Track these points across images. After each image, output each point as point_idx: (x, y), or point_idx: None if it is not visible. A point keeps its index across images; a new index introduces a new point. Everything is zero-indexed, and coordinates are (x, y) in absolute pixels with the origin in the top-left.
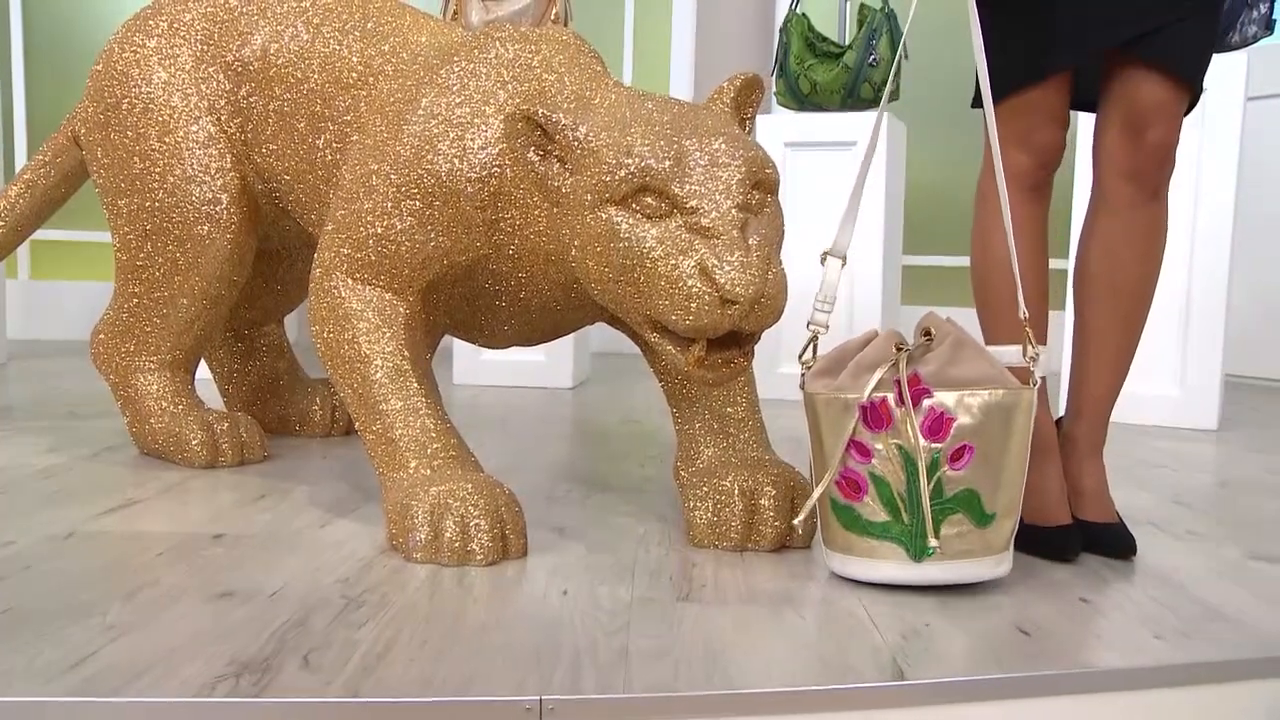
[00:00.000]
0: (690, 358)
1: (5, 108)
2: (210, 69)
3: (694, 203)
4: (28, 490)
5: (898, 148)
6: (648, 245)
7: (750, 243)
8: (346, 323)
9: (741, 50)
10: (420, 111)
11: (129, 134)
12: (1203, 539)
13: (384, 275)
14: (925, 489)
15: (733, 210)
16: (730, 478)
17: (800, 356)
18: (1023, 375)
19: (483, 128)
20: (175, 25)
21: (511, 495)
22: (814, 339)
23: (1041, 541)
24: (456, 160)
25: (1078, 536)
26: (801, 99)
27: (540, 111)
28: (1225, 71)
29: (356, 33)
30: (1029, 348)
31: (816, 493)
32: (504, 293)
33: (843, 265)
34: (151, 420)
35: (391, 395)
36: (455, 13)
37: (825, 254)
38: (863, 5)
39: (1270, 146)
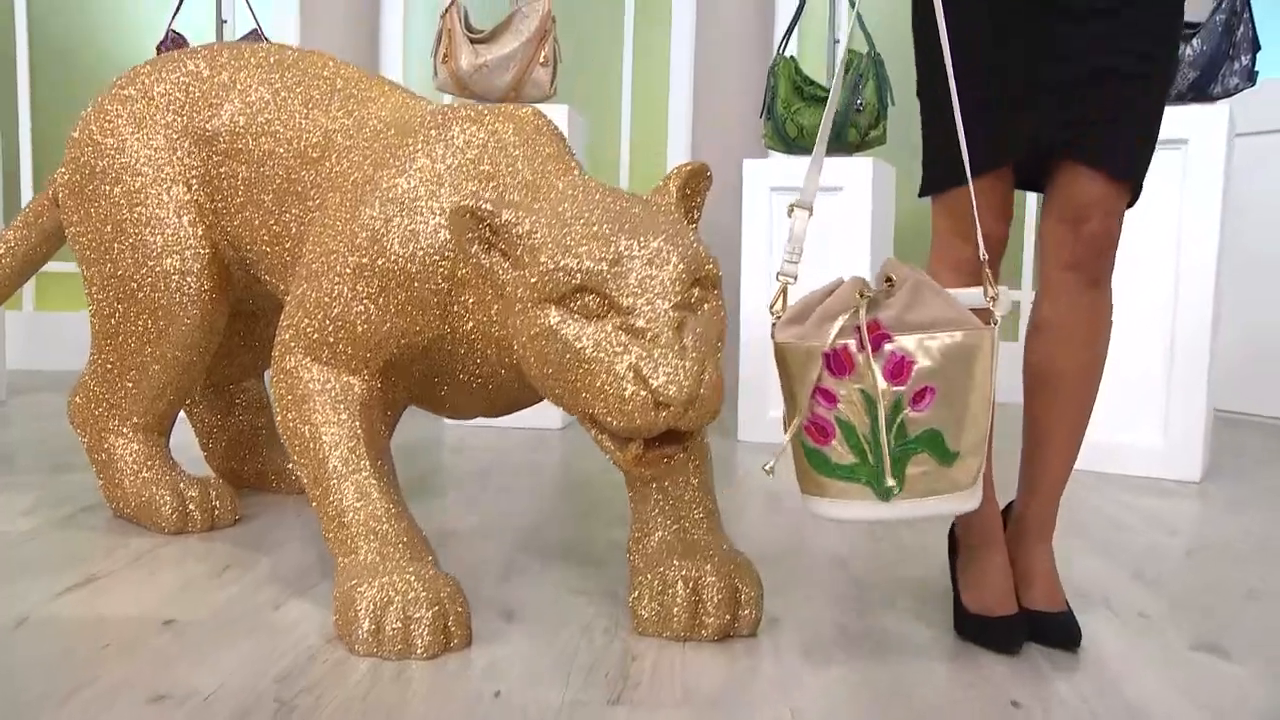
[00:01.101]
0: (627, 456)
1: (10, 128)
2: (181, 139)
3: (630, 303)
4: None
5: (886, 190)
6: (584, 346)
7: (686, 343)
8: (304, 404)
9: (741, 61)
10: (377, 194)
11: (101, 202)
12: (1152, 624)
13: (341, 355)
14: (884, 430)
15: (669, 311)
16: (676, 566)
17: (771, 307)
18: (984, 316)
19: (436, 212)
20: (149, 95)
21: (455, 586)
22: (784, 289)
23: (985, 633)
24: (411, 244)
25: (1022, 628)
26: (789, 142)
27: (484, 207)
28: (1208, 115)
29: (321, 107)
30: (989, 288)
31: (786, 438)
32: (461, 371)
33: (809, 216)
34: (124, 484)
35: (345, 479)
36: (445, 56)
37: (792, 206)
38: (849, 50)
39: (1261, 186)
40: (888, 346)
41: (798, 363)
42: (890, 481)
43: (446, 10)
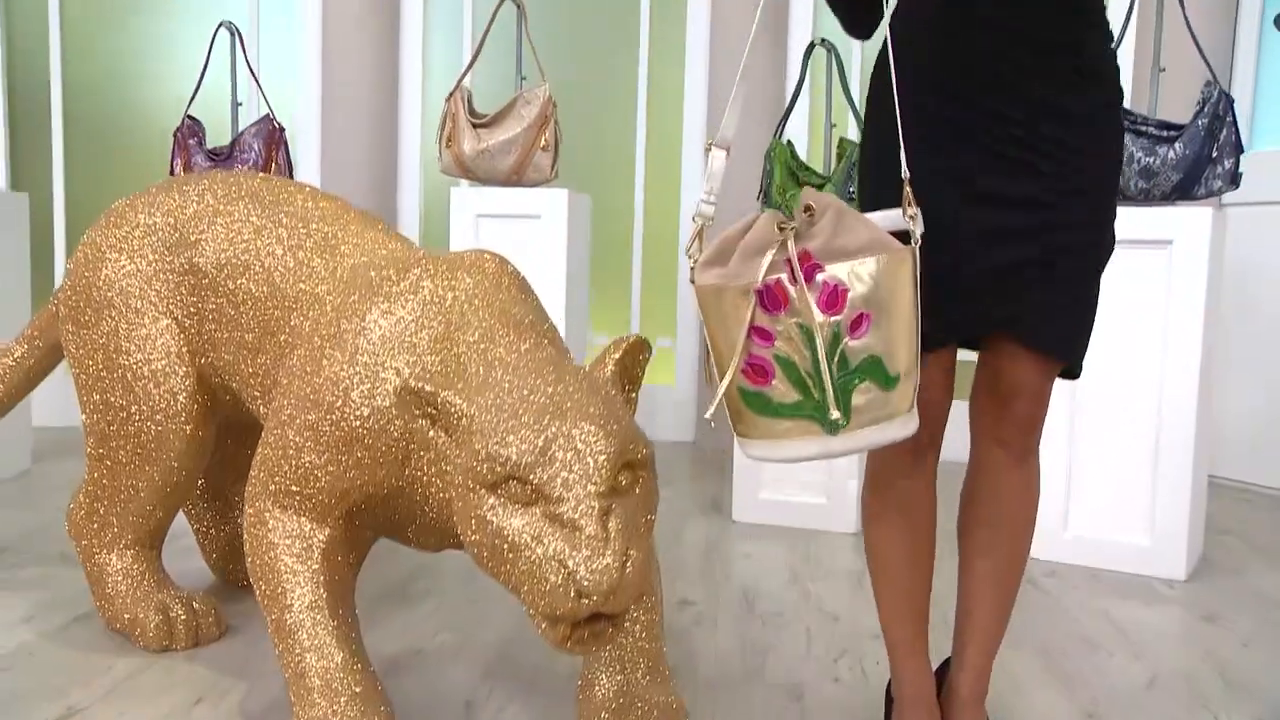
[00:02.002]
0: (557, 636)
1: (44, 190)
2: (169, 272)
3: (556, 492)
4: None
5: None
6: (511, 533)
7: (611, 530)
8: (269, 552)
9: (756, 144)
10: (339, 349)
11: (92, 331)
12: None
13: (306, 503)
14: (824, 362)
15: (594, 501)
16: None
17: (688, 250)
18: (903, 238)
19: (394, 371)
20: (142, 226)
21: None
22: (699, 231)
23: None
24: (370, 403)
25: None
26: None
27: (425, 389)
28: (1192, 215)
29: (297, 249)
30: (907, 208)
31: (722, 387)
32: (424, 516)
33: (726, 156)
34: (114, 601)
35: (304, 631)
36: (449, 140)
37: (709, 145)
38: (841, 139)
39: (1256, 255)
40: (820, 276)
41: (728, 304)
42: (835, 414)
43: (451, 95)
